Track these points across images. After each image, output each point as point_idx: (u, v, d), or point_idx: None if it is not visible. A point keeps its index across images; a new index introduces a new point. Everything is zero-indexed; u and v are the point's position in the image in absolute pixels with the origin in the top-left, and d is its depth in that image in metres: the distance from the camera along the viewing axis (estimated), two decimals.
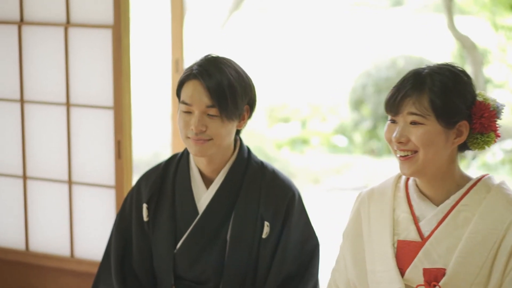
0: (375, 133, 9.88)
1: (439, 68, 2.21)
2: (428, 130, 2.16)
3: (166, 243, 2.61)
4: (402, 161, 2.20)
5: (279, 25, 13.36)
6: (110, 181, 3.81)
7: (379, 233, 2.29)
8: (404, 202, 2.28)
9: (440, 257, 2.17)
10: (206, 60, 2.55)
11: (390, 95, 2.22)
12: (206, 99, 2.45)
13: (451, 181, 2.23)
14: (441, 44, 11.53)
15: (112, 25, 3.68)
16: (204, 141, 2.48)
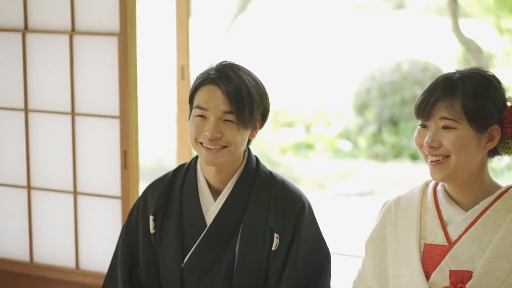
0: (379, 137, 9.83)
1: (469, 72, 2.23)
2: (460, 134, 2.17)
3: (174, 257, 2.55)
4: (434, 166, 2.20)
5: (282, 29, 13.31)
6: (116, 191, 3.77)
7: (405, 238, 2.30)
8: (432, 207, 2.29)
9: (467, 261, 2.17)
10: (223, 65, 2.49)
11: (421, 100, 2.23)
12: (223, 105, 2.41)
13: (481, 187, 2.24)
14: (445, 48, 11.49)
15: (118, 32, 3.64)
16: (218, 150, 2.43)
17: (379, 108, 9.93)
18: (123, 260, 2.62)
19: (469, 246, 2.18)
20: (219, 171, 2.51)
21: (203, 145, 2.43)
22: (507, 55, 9.40)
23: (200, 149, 2.45)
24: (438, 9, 14.11)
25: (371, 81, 10.13)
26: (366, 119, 10.00)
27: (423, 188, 2.37)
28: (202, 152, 2.44)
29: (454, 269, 2.18)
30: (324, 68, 12.13)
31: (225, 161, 2.47)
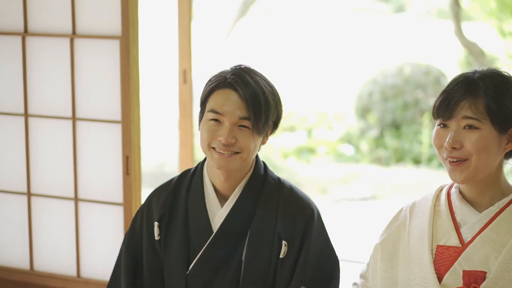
0: (381, 141, 9.79)
1: (489, 72, 2.21)
2: (483, 134, 2.15)
3: (178, 264, 2.51)
4: (454, 167, 2.19)
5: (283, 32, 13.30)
6: (118, 198, 3.72)
7: (417, 241, 2.28)
8: (446, 209, 2.28)
9: (481, 262, 2.16)
10: (240, 69, 2.45)
11: (442, 99, 2.21)
12: (240, 110, 2.38)
13: (497, 188, 2.23)
14: (447, 51, 11.47)
15: (120, 36, 3.58)
16: (231, 155, 2.39)
17: (381, 112, 9.89)
18: (127, 267, 2.58)
19: (483, 247, 2.17)
20: (228, 177, 2.47)
21: (216, 150, 2.39)
22: (510, 58, 9.36)
23: (212, 153, 2.41)
24: (438, 12, 14.11)
25: (373, 85, 10.10)
26: (368, 123, 9.96)
27: (437, 193, 2.36)
28: (214, 156, 2.40)
29: (468, 270, 2.16)
30: (325, 72, 12.12)
31: (237, 167, 2.44)
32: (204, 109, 2.44)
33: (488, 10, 9.83)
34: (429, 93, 9.87)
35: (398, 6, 15.41)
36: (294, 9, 13.86)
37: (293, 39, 13.17)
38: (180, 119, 5.05)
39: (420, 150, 9.42)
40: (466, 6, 10.51)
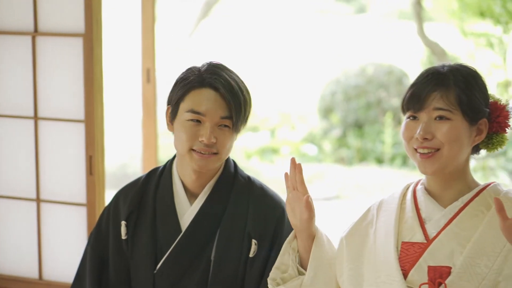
0: (344, 141, 9.83)
1: (458, 65, 2.24)
2: (454, 125, 2.17)
3: (146, 263, 2.48)
4: (424, 159, 2.19)
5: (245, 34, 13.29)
6: (81, 198, 3.67)
7: (383, 238, 2.28)
8: (411, 206, 2.28)
9: (446, 257, 2.17)
10: (215, 67, 2.43)
11: (412, 92, 2.22)
12: (222, 110, 2.36)
13: (463, 183, 2.24)
14: (410, 51, 11.54)
15: (83, 33, 3.52)
16: (210, 155, 2.37)
17: (344, 112, 9.93)
18: (92, 267, 2.55)
19: (448, 242, 2.18)
20: (200, 175, 2.45)
21: (196, 151, 2.37)
22: (471, 57, 9.44)
23: (192, 155, 2.38)
24: (400, 13, 14.22)
25: (336, 85, 10.13)
26: (331, 123, 9.98)
27: (403, 191, 2.36)
28: (194, 157, 2.38)
29: (433, 265, 2.17)
30: (288, 73, 12.14)
31: (214, 167, 2.42)
32: (178, 109, 2.39)
33: (450, 11, 9.91)
34: (392, 93, 9.92)
35: (359, 7, 15.52)
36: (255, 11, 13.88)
37: (255, 40, 13.18)
38: (143, 119, 5.00)
39: (383, 149, 9.46)
40: (428, 7, 10.59)
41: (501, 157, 8.70)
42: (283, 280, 2.36)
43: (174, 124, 2.41)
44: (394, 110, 9.73)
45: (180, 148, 2.39)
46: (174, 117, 2.41)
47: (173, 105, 2.41)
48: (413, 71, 10.36)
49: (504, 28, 9.29)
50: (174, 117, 2.41)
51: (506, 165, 8.73)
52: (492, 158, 8.59)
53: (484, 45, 9.49)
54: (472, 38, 9.59)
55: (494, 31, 9.36)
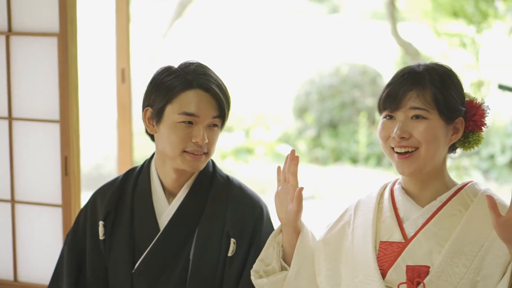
0: (319, 141, 9.84)
1: (433, 64, 2.24)
2: (431, 124, 2.17)
3: (124, 263, 2.47)
4: (402, 160, 2.19)
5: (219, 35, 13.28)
6: (56, 199, 3.63)
7: (361, 238, 2.28)
8: (389, 205, 2.28)
9: (424, 256, 2.16)
10: (199, 67, 2.43)
11: (388, 91, 2.22)
12: (213, 110, 2.37)
13: (440, 182, 2.25)
14: (383, 51, 11.58)
15: (57, 33, 3.49)
16: (201, 155, 2.38)
17: (318, 112, 9.94)
18: (69, 268, 2.55)
19: (426, 242, 2.18)
20: (180, 175, 2.45)
21: (189, 152, 2.37)
22: (445, 57, 9.50)
23: (185, 156, 2.38)
24: (373, 14, 14.28)
25: (311, 85, 10.14)
26: (306, 123, 10.00)
27: (381, 190, 2.36)
28: (187, 159, 2.38)
29: (411, 265, 2.17)
30: (262, 73, 12.14)
31: (203, 166, 2.43)
32: (163, 112, 2.38)
33: (424, 11, 9.97)
34: (366, 92, 9.95)
35: (332, 8, 15.56)
36: (229, 11, 13.86)
37: (229, 41, 13.17)
38: (118, 119, 4.96)
39: (357, 149, 9.49)
40: (401, 7, 10.63)
41: (475, 156, 8.76)
42: (266, 273, 2.36)
43: (160, 127, 2.40)
44: (368, 110, 9.76)
45: (170, 150, 2.38)
46: (159, 120, 2.39)
47: (157, 108, 2.39)
48: (387, 71, 10.41)
49: (477, 28, 9.35)
50: (159, 120, 2.39)
51: (480, 164, 8.79)
52: (466, 157, 8.64)
53: (457, 45, 9.56)
54: (445, 38, 9.65)
55: (467, 31, 9.43)
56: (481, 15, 9.28)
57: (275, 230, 2.42)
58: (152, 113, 2.41)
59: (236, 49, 12.97)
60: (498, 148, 8.76)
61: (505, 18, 9.61)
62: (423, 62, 2.26)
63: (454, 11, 9.38)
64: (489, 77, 9.43)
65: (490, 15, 9.31)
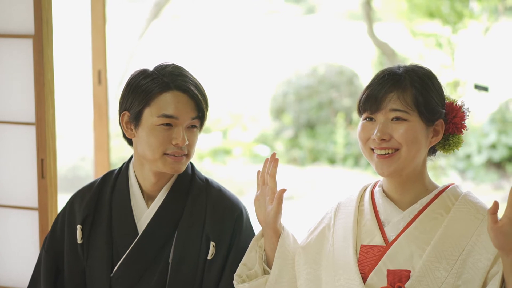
0: (296, 142, 9.84)
1: (413, 66, 2.23)
2: (411, 126, 2.15)
3: (102, 267, 2.46)
4: (382, 160, 2.18)
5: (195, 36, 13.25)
6: (32, 202, 3.59)
7: (342, 241, 2.26)
8: (370, 208, 2.27)
9: (406, 260, 2.15)
10: (176, 68, 2.41)
11: (368, 93, 2.20)
12: (192, 111, 2.36)
13: (421, 185, 2.23)
14: (360, 51, 11.61)
15: (33, 34, 3.45)
16: (182, 157, 2.37)
17: (295, 112, 9.94)
18: (47, 271, 2.52)
19: (408, 245, 2.16)
20: (160, 178, 2.44)
21: (170, 155, 2.35)
22: (421, 58, 9.53)
23: (166, 159, 2.36)
24: (350, 14, 14.32)
25: (288, 86, 10.14)
26: (283, 123, 9.99)
27: (361, 193, 2.35)
28: (168, 161, 2.36)
29: (392, 269, 2.15)
30: (239, 74, 12.13)
31: (184, 168, 2.42)
32: (141, 115, 2.36)
33: (399, 11, 9.99)
34: (343, 93, 9.96)
35: (308, 8, 15.59)
36: (206, 12, 13.84)
37: (206, 41, 13.14)
38: (95, 121, 4.93)
39: (335, 149, 9.50)
40: (377, 7, 10.65)
41: (452, 156, 8.79)
42: (248, 277, 2.35)
43: (139, 130, 2.38)
44: (345, 110, 9.78)
45: (150, 153, 2.36)
46: (137, 123, 2.38)
47: (135, 111, 2.37)
48: (363, 71, 10.43)
49: (453, 29, 9.39)
50: (137, 123, 2.38)
51: (456, 164, 8.83)
52: (443, 157, 8.66)
53: (433, 45, 9.59)
54: (421, 38, 9.68)
55: (443, 32, 9.47)
56: (457, 15, 9.31)
57: (257, 234, 2.41)
58: (129, 117, 2.39)
59: (212, 50, 12.95)
60: (475, 148, 8.80)
61: (480, 18, 9.65)
62: (402, 64, 2.25)
63: (430, 11, 9.42)
64: (465, 77, 9.47)
65: (466, 15, 9.35)
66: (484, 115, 9.18)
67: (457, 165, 8.82)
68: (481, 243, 2.12)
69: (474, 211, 2.18)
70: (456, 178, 8.53)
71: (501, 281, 2.08)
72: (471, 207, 2.19)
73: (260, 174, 2.40)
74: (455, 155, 8.81)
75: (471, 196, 2.23)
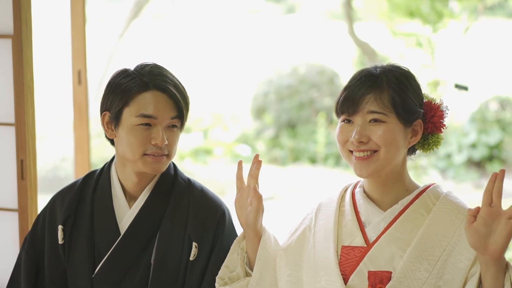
0: (277, 141, 9.85)
1: (390, 67, 2.21)
2: (389, 127, 2.14)
3: (83, 267, 2.43)
4: (360, 162, 2.16)
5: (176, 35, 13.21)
6: (12, 204, 3.56)
7: (323, 242, 2.25)
8: (351, 209, 2.25)
9: (387, 261, 2.14)
10: (155, 68, 2.39)
11: (345, 95, 2.18)
12: (171, 110, 2.33)
13: (401, 185, 2.22)
14: (341, 51, 11.62)
15: (12, 34, 3.42)
16: (162, 157, 2.35)
17: (276, 112, 9.95)
18: (27, 272, 2.50)
19: (388, 246, 2.15)
20: (142, 178, 2.42)
21: (149, 155, 2.34)
22: (401, 57, 9.56)
23: (146, 159, 2.34)
24: (330, 14, 14.33)
25: (269, 85, 10.15)
26: (264, 123, 10.00)
27: (341, 193, 2.33)
28: (148, 161, 2.34)
29: (373, 270, 2.14)
30: (220, 73, 12.11)
31: (165, 168, 2.40)
32: (121, 115, 2.35)
33: (380, 11, 10.02)
34: (324, 92, 9.98)
35: (288, 8, 15.61)
36: (186, 12, 13.81)
37: (186, 41, 13.12)
38: (74, 121, 4.90)
39: (316, 149, 9.51)
40: (358, 7, 10.68)
41: (432, 155, 8.83)
42: (230, 280, 2.33)
43: (119, 130, 2.36)
44: (326, 110, 9.79)
45: (130, 154, 2.35)
46: (117, 123, 2.36)
47: (115, 111, 2.36)
48: (344, 71, 10.45)
49: (433, 28, 9.43)
50: (117, 123, 2.36)
51: (437, 163, 8.86)
52: (424, 156, 8.70)
53: (413, 45, 9.63)
54: (402, 38, 9.72)
55: (423, 31, 9.51)
56: (437, 15, 9.36)
57: (239, 235, 2.40)
58: (110, 117, 2.38)
59: (193, 49, 12.92)
60: (455, 147, 8.85)
61: (460, 18, 9.70)
62: (380, 64, 2.23)
63: (410, 11, 9.45)
64: (445, 76, 9.51)
65: (445, 15, 9.39)
66: (464, 114, 9.23)
67: (437, 164, 8.85)
68: (462, 243, 2.11)
69: (455, 211, 2.17)
70: (437, 177, 8.56)
71: (478, 281, 2.07)
72: (452, 207, 2.18)
73: (238, 177, 2.39)
74: (435, 154, 8.84)
75: (452, 196, 2.22)
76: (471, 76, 10.56)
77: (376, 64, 2.23)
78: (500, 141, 8.78)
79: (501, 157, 8.81)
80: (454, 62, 9.94)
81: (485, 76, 10.99)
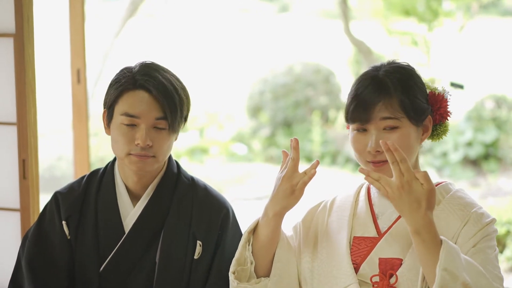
0: (273, 140, 9.84)
1: (392, 68, 2.22)
2: (403, 133, 2.18)
3: (88, 266, 2.43)
4: (379, 168, 2.18)
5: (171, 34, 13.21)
6: (14, 203, 3.56)
7: (336, 233, 2.29)
8: (365, 202, 2.30)
9: (397, 250, 2.19)
10: (147, 67, 2.38)
11: (356, 104, 2.20)
12: (156, 111, 2.31)
13: None
14: (336, 50, 11.64)
15: (14, 33, 3.42)
16: (148, 157, 2.33)
17: (272, 111, 9.95)
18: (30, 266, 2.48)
19: (399, 236, 2.20)
20: (141, 177, 2.42)
21: (133, 154, 2.33)
22: (396, 56, 9.57)
23: (130, 158, 2.34)
24: (325, 12, 14.35)
25: (264, 84, 10.15)
26: (260, 122, 9.99)
27: (358, 189, 2.38)
28: (133, 160, 2.34)
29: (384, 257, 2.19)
30: (215, 72, 12.12)
31: (152, 169, 2.39)
32: (113, 112, 2.35)
33: (375, 9, 10.03)
34: (319, 91, 9.98)
35: (282, 6, 15.62)
36: (180, 11, 13.81)
37: (181, 40, 13.12)
38: (73, 120, 4.89)
39: (312, 148, 9.51)
40: (353, 6, 10.68)
41: (428, 154, 8.84)
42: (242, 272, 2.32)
43: (111, 127, 2.37)
44: (322, 109, 9.79)
45: (118, 152, 2.36)
46: (110, 120, 2.37)
47: (108, 108, 2.37)
48: (340, 69, 10.45)
49: (428, 27, 9.44)
50: (110, 120, 2.37)
51: (433, 161, 8.87)
52: (420, 154, 8.71)
53: (409, 43, 9.64)
54: (397, 36, 9.74)
55: (418, 30, 9.52)
56: (432, 13, 9.37)
57: (249, 226, 2.37)
58: (106, 114, 2.39)
59: (188, 49, 12.92)
60: (451, 145, 8.85)
61: (455, 16, 9.72)
62: (379, 64, 2.25)
63: (405, 9, 9.47)
64: (440, 75, 9.52)
65: (441, 13, 9.41)
66: (460, 113, 9.24)
67: (433, 162, 8.86)
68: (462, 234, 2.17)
69: (462, 206, 2.22)
70: (433, 176, 8.53)
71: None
72: (460, 201, 2.23)
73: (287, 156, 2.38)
74: (431, 152, 8.86)
75: (462, 192, 2.28)
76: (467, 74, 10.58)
77: (375, 65, 2.26)
78: (496, 139, 8.79)
79: (497, 155, 8.83)
80: (450, 61, 9.96)
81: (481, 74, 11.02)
